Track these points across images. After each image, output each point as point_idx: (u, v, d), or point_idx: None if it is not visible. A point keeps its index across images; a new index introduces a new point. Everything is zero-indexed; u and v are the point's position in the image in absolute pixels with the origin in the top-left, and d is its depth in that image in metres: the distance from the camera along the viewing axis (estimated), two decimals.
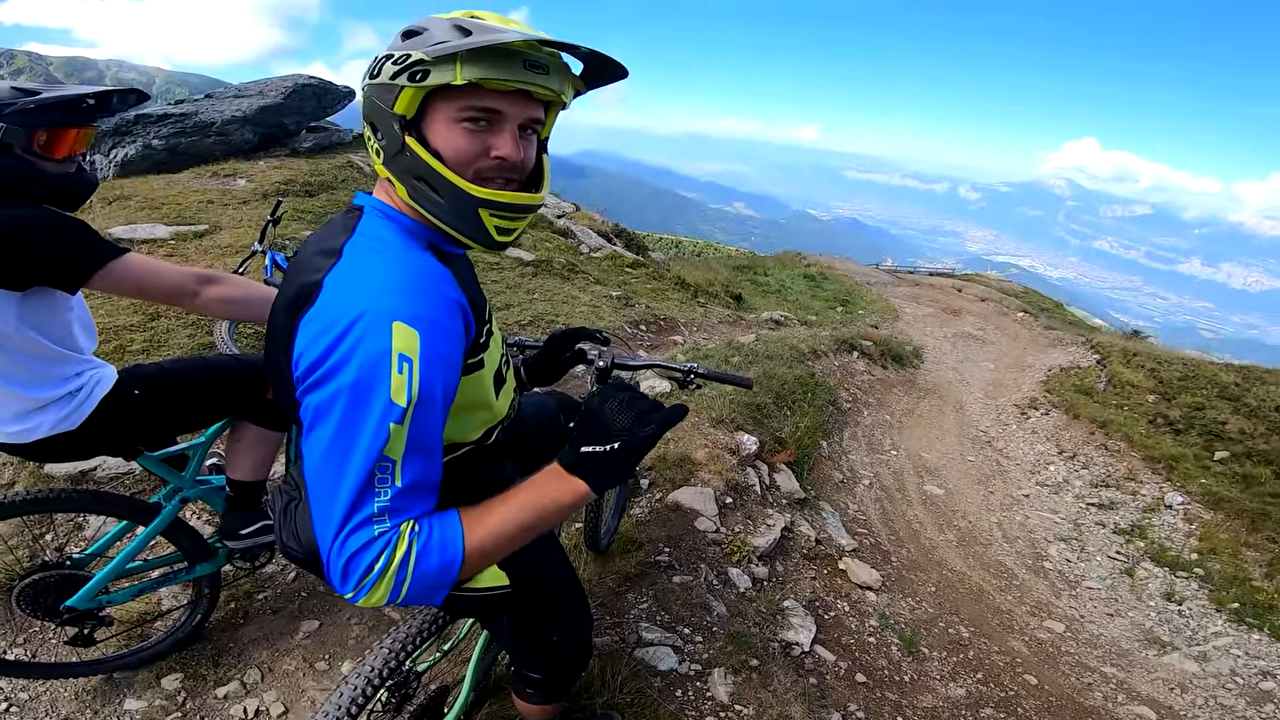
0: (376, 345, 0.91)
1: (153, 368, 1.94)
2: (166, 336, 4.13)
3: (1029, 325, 15.33)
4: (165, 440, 2.01)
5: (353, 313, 0.93)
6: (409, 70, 0.96)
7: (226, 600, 2.52)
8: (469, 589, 1.29)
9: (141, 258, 1.71)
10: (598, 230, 11.82)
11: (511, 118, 1.02)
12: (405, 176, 1.03)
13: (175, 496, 2.07)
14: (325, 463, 0.94)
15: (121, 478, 2.95)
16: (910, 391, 8.99)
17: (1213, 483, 7.00)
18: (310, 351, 0.95)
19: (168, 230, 6.06)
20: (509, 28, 0.97)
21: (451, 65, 0.95)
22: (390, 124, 1.01)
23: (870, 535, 4.80)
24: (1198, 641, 4.79)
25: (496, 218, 1.05)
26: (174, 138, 9.63)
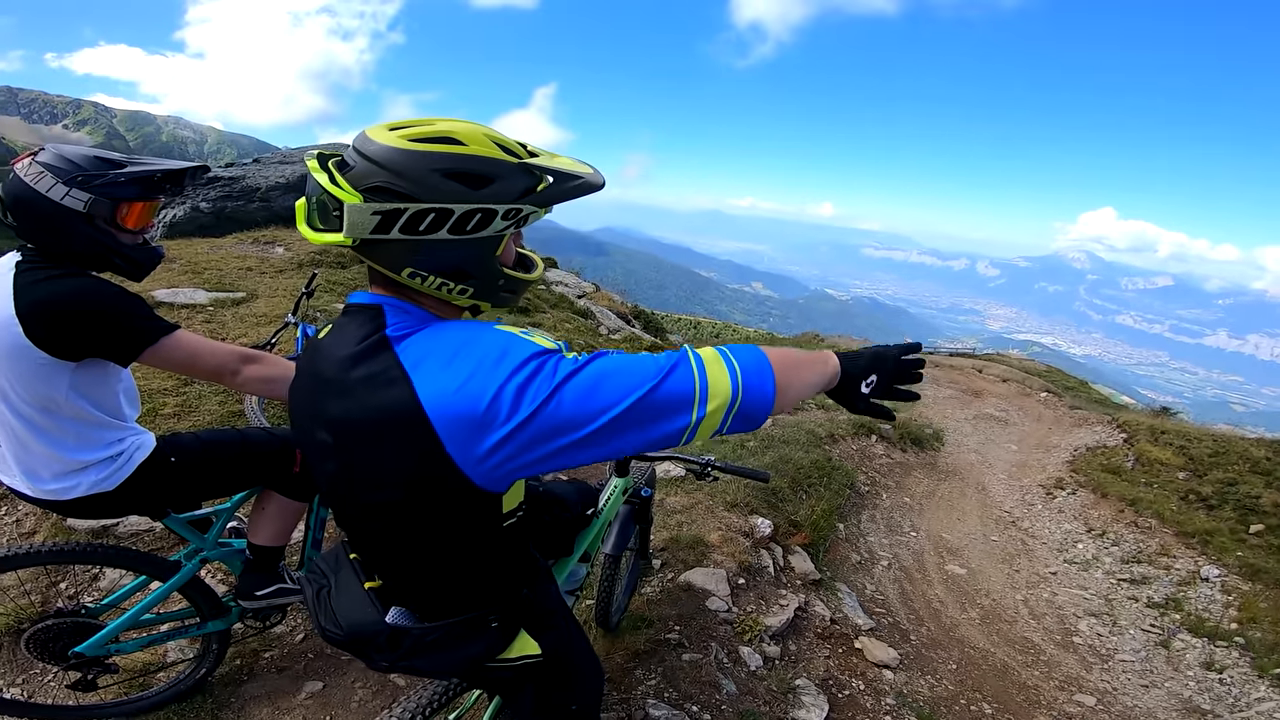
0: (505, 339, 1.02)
1: (189, 437, 2.05)
2: (198, 403, 4.27)
3: (1053, 405, 15.18)
4: (194, 504, 2.12)
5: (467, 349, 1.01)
6: (517, 221, 1.07)
7: (232, 656, 2.54)
8: (504, 659, 1.35)
9: (190, 335, 1.80)
10: (617, 311, 12.16)
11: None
12: (497, 299, 1.16)
13: (196, 556, 2.16)
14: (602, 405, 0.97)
15: (141, 535, 3.03)
16: (930, 474, 8.92)
17: (1249, 555, 6.80)
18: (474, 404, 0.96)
19: (208, 296, 6.20)
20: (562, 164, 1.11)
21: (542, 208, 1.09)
22: (492, 266, 1.11)
23: (888, 615, 4.73)
24: (1240, 708, 4.57)
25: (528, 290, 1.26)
26: (221, 201, 9.92)
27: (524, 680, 1.43)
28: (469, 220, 1.02)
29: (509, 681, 1.44)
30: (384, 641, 1.25)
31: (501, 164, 1.04)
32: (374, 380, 1.03)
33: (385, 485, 1.08)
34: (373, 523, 1.18)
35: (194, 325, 5.64)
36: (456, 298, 1.11)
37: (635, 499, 2.43)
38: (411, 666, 1.29)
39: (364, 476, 1.10)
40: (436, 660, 1.29)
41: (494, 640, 1.32)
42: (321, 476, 1.20)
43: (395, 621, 1.26)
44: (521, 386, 0.95)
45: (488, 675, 1.41)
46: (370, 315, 1.10)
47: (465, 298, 1.12)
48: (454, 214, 1.01)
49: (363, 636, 1.25)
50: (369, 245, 1.03)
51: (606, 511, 2.22)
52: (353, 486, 1.13)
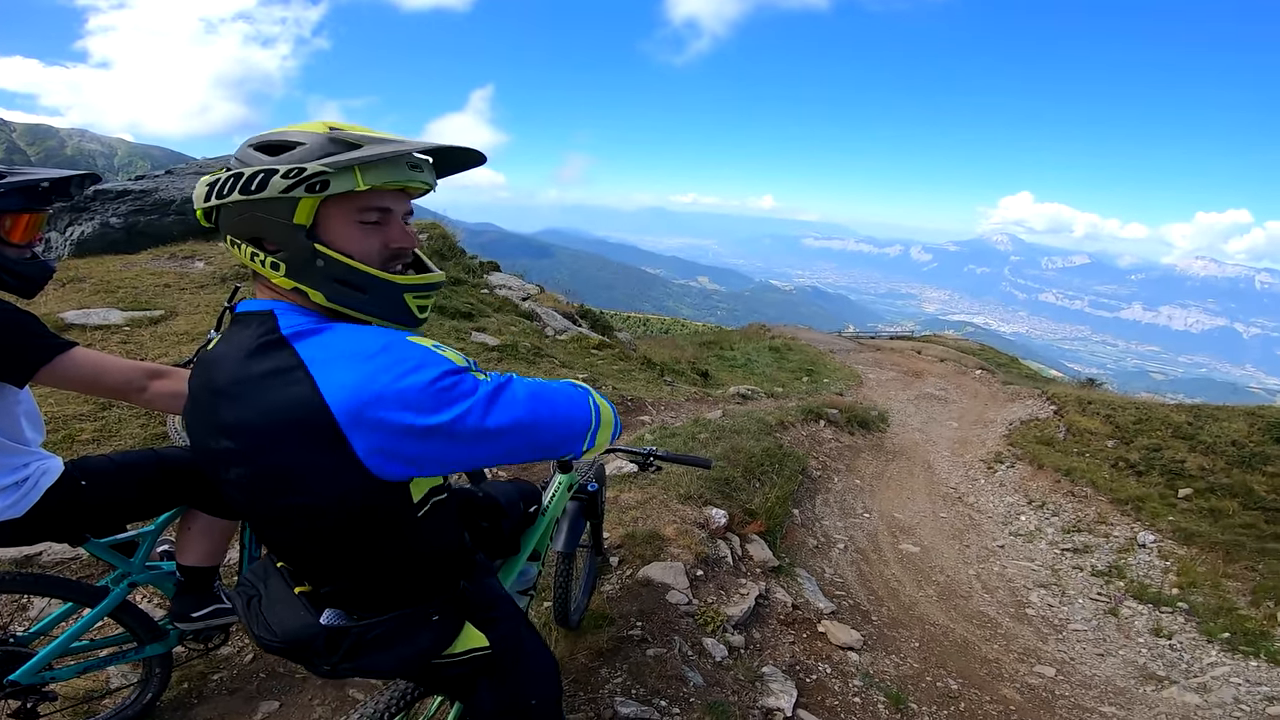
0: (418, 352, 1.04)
1: (102, 460, 1.96)
2: (118, 427, 4.07)
3: (988, 382, 15.78)
4: (115, 528, 2.03)
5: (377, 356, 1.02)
6: (306, 182, 1.03)
7: (179, 680, 2.47)
8: (451, 655, 1.33)
9: (89, 352, 1.72)
10: (562, 312, 12.04)
11: (398, 212, 1.15)
12: (323, 282, 1.10)
13: (123, 581, 2.08)
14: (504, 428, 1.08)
15: (68, 562, 2.91)
16: (879, 455, 9.13)
17: (1181, 519, 7.18)
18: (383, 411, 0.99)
19: (122, 316, 5.91)
20: (386, 138, 1.10)
21: (351, 173, 1.05)
22: (292, 236, 1.07)
23: (849, 597, 4.79)
24: (1195, 673, 4.79)
25: (418, 298, 1.17)
26: (132, 215, 9.29)
27: (477, 676, 1.41)
28: (253, 180, 1.04)
29: (462, 679, 1.42)
30: (322, 644, 1.23)
31: (309, 135, 1.08)
32: (273, 377, 1.04)
33: (295, 486, 1.08)
34: (290, 526, 1.15)
35: (109, 346, 5.31)
36: (275, 275, 1.10)
37: (582, 494, 2.39)
38: (357, 668, 1.26)
39: (273, 479, 1.09)
40: (382, 659, 1.26)
41: (439, 633, 1.30)
42: (229, 487, 1.16)
43: (330, 622, 1.24)
44: (435, 393, 1.01)
45: (439, 674, 1.38)
46: (261, 319, 1.11)
47: (282, 275, 1.10)
48: (243, 175, 1.05)
49: (300, 641, 1.24)
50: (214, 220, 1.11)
51: (552, 508, 2.19)
52: (263, 492, 1.11)
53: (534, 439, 1.12)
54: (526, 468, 4.93)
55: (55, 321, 5.51)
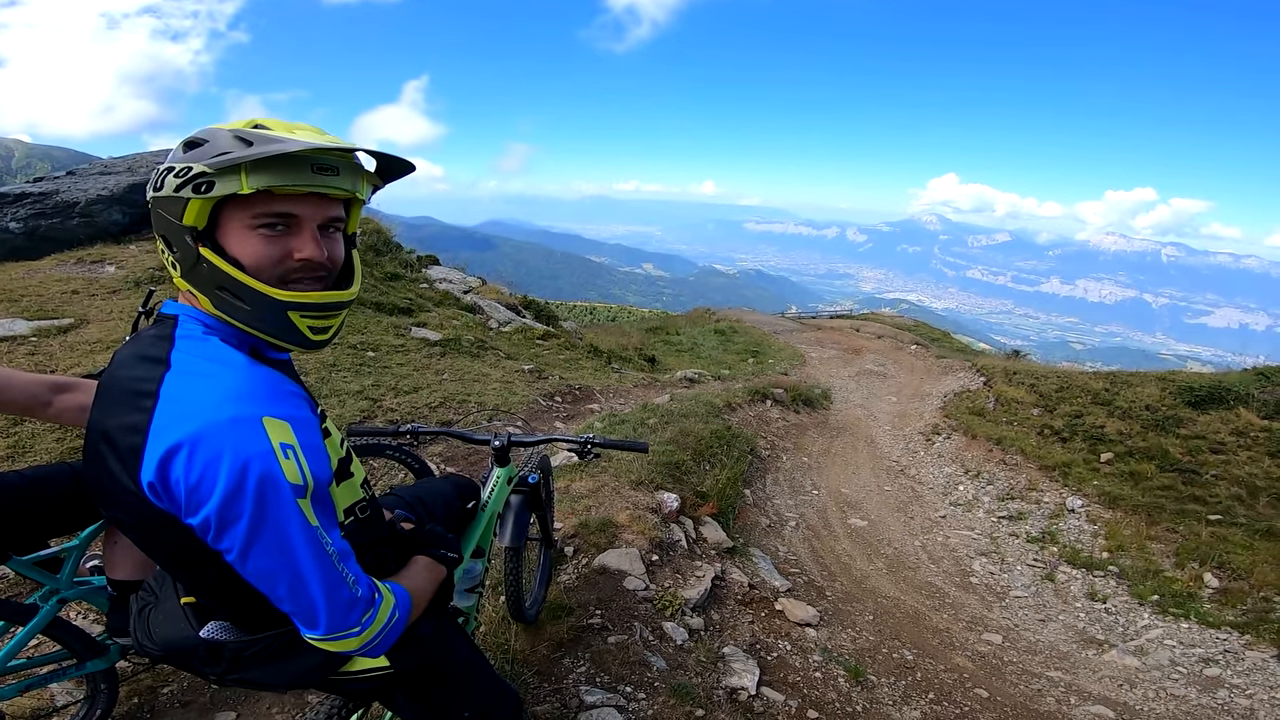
0: (259, 445, 0.95)
1: (14, 475, 1.88)
2: (32, 442, 3.85)
3: (923, 356, 16.34)
4: (35, 544, 1.97)
5: (218, 422, 0.95)
6: (192, 182, 0.98)
7: (129, 695, 2.39)
8: (347, 672, 1.27)
9: None
10: (506, 304, 11.84)
11: (309, 219, 1.06)
12: (207, 288, 1.04)
13: (52, 598, 2.02)
14: (279, 566, 1.00)
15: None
16: (824, 432, 9.35)
17: (1104, 483, 7.60)
18: (190, 474, 0.93)
19: (28, 326, 5.54)
20: (292, 135, 1.02)
21: (236, 175, 0.98)
22: (181, 236, 1.02)
23: (803, 574, 4.90)
24: (1131, 636, 5.07)
25: (308, 318, 1.08)
26: (33, 220, 8.74)
27: (389, 690, 1.38)
28: (159, 179, 1.02)
29: (371, 693, 1.39)
30: (203, 655, 1.21)
31: (219, 133, 1.03)
32: (130, 395, 1.01)
33: (109, 500, 1.05)
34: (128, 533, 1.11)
35: (16, 359, 4.94)
36: (172, 271, 1.07)
37: (524, 487, 2.34)
38: (243, 680, 1.24)
39: (98, 489, 1.07)
40: (268, 673, 1.23)
41: (329, 653, 1.19)
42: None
43: (211, 636, 1.21)
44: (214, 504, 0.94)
45: (341, 687, 1.34)
46: (166, 323, 1.09)
47: (177, 274, 1.06)
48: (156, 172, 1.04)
49: (179, 652, 1.23)
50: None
51: (493, 503, 2.14)
52: (97, 495, 1.08)
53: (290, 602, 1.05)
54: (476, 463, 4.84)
55: None
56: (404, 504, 1.75)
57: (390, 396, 5.72)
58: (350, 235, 1.18)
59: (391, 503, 1.74)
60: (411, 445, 2.37)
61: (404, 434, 2.19)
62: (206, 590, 1.18)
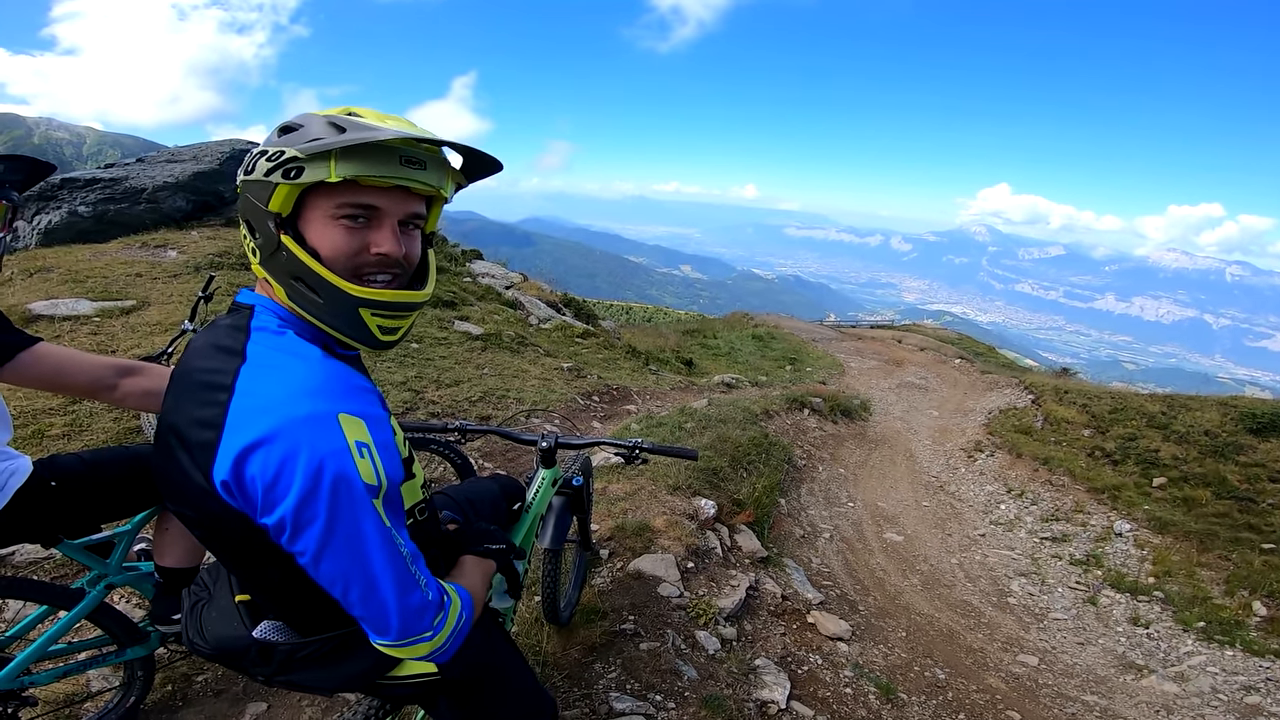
0: (335, 443, 0.93)
1: (71, 459, 1.89)
2: (89, 421, 3.96)
3: (966, 371, 15.96)
4: (88, 528, 1.96)
5: (295, 419, 0.93)
6: (283, 167, 0.97)
7: (163, 682, 2.41)
8: (395, 677, 1.27)
9: (54, 349, 1.65)
10: (546, 300, 11.94)
11: (390, 213, 1.03)
12: (283, 277, 1.03)
13: (100, 583, 2.02)
14: (353, 569, 0.97)
15: (41, 562, 2.85)
16: (862, 444, 9.20)
17: (1156, 508, 7.31)
18: (265, 473, 0.91)
19: (92, 306, 5.77)
20: (384, 124, 0.98)
21: (326, 162, 0.96)
22: (265, 222, 1.01)
23: (836, 587, 4.83)
24: (1172, 662, 4.90)
25: (379, 317, 1.05)
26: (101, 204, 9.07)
27: (433, 696, 1.36)
28: (251, 161, 1.02)
29: (416, 698, 1.38)
30: (255, 656, 1.21)
31: (315, 118, 1.01)
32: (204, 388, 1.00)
33: (178, 495, 1.05)
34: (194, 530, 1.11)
35: (79, 338, 5.16)
36: (251, 257, 1.06)
37: (567, 489, 2.34)
38: (292, 682, 1.24)
39: (166, 483, 1.07)
40: (317, 676, 1.23)
41: (380, 658, 1.18)
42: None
43: (264, 636, 1.21)
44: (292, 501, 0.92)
45: (387, 691, 1.33)
46: (241, 313, 1.08)
47: (256, 260, 1.06)
48: (249, 153, 1.04)
49: (230, 651, 1.23)
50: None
51: (536, 505, 2.12)
52: (164, 487, 1.09)
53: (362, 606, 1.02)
54: (513, 459, 4.89)
55: (22, 313, 5.35)
56: (454, 505, 1.74)
57: (432, 389, 5.82)
58: (428, 235, 1.16)
59: (441, 503, 1.73)
60: (459, 442, 2.39)
61: (453, 431, 2.19)
62: (266, 590, 1.17)
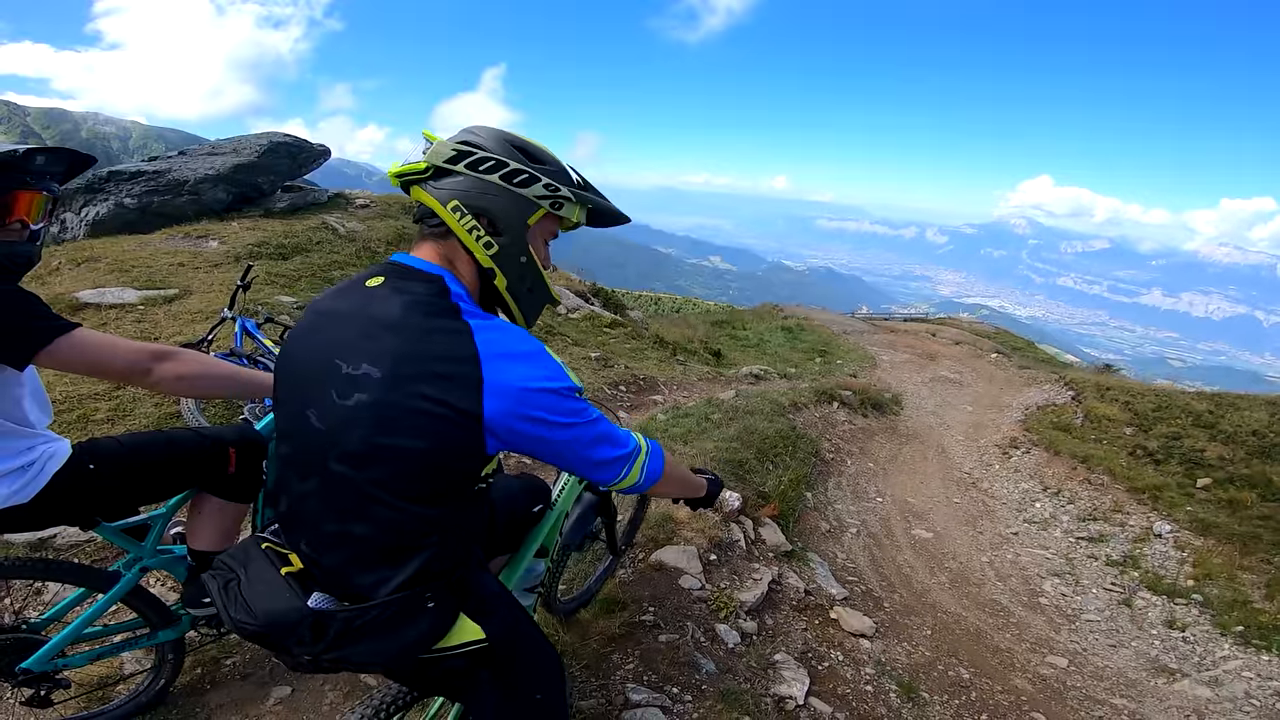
0: (556, 367, 1.23)
1: (110, 442, 1.92)
2: (132, 405, 4.05)
3: (1003, 366, 15.60)
4: (125, 511, 2.00)
5: (530, 352, 1.21)
6: (554, 198, 1.32)
7: (192, 665, 2.46)
8: (448, 647, 1.27)
9: (92, 334, 1.67)
10: (575, 290, 11.98)
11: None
12: (510, 269, 1.32)
13: (135, 565, 2.05)
14: (584, 439, 1.26)
15: (82, 545, 2.90)
16: (892, 438, 9.05)
17: (1198, 510, 7.06)
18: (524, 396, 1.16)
19: (137, 295, 5.96)
20: (596, 190, 1.42)
21: (580, 209, 1.39)
22: (521, 231, 1.31)
23: (861, 583, 4.76)
24: (1207, 667, 4.74)
25: (548, 309, 1.39)
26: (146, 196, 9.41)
27: (476, 670, 1.35)
28: (517, 175, 1.27)
29: (460, 673, 1.35)
30: (307, 630, 1.17)
31: (550, 156, 1.34)
32: (442, 334, 1.17)
33: (408, 426, 1.14)
34: (378, 469, 1.17)
35: (124, 325, 5.34)
36: (480, 250, 1.28)
37: (596, 490, 2.33)
38: (341, 658, 1.20)
39: (393, 413, 1.14)
40: (370, 649, 1.20)
41: (434, 623, 1.24)
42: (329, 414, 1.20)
43: (319, 605, 1.20)
44: (566, 407, 1.21)
45: (436, 669, 1.32)
46: (429, 280, 1.26)
47: (488, 254, 1.28)
48: (508, 165, 1.26)
49: (282, 625, 1.18)
50: (436, 179, 1.27)
51: (562, 503, 2.14)
52: (371, 424, 1.15)
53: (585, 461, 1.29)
54: None
55: (70, 301, 5.54)
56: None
57: None
58: None
59: None
60: None
61: None
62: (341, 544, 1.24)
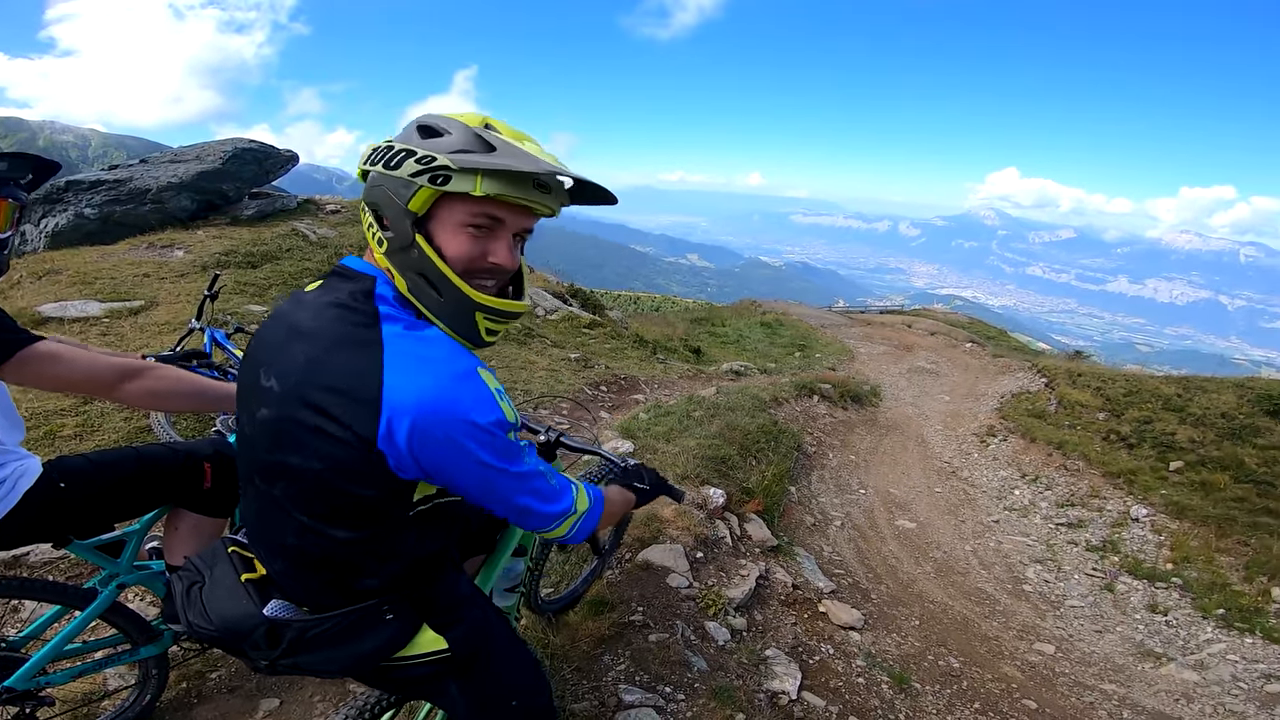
0: (484, 393, 1.07)
1: (80, 460, 1.87)
2: (100, 421, 3.95)
3: (978, 355, 15.82)
4: (99, 528, 1.95)
5: (452, 373, 1.06)
6: (431, 172, 1.04)
7: (177, 680, 2.42)
8: (408, 656, 1.26)
9: (56, 348, 1.61)
10: (553, 292, 11.92)
11: (510, 227, 1.12)
12: (408, 271, 1.11)
13: (112, 582, 2.02)
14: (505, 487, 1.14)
15: (56, 562, 2.84)
16: (872, 430, 9.12)
17: (1173, 493, 7.21)
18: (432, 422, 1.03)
19: (101, 307, 5.78)
20: (525, 148, 1.07)
21: (473, 177, 1.04)
22: (402, 219, 1.08)
23: (848, 575, 4.78)
24: (1192, 650, 4.83)
25: (489, 320, 1.15)
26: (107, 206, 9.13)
27: (443, 680, 1.34)
28: (395, 157, 1.07)
29: (425, 681, 1.34)
30: (261, 636, 1.18)
31: (459, 126, 1.08)
32: (350, 344, 1.07)
33: (300, 444, 1.08)
34: (281, 485, 1.14)
35: (89, 339, 5.18)
36: (375, 245, 1.14)
37: None
38: (296, 665, 1.20)
39: (289, 428, 1.09)
40: (326, 657, 1.20)
41: (392, 634, 1.23)
42: (246, 431, 1.19)
43: (275, 614, 1.19)
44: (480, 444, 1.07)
45: (398, 677, 1.30)
46: (361, 281, 1.15)
47: (380, 250, 1.13)
48: (393, 148, 1.08)
49: (237, 631, 1.19)
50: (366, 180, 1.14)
51: None
52: (271, 439, 1.12)
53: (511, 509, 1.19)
54: None
55: (32, 315, 5.36)
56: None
57: None
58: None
59: None
60: None
61: None
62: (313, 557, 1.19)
